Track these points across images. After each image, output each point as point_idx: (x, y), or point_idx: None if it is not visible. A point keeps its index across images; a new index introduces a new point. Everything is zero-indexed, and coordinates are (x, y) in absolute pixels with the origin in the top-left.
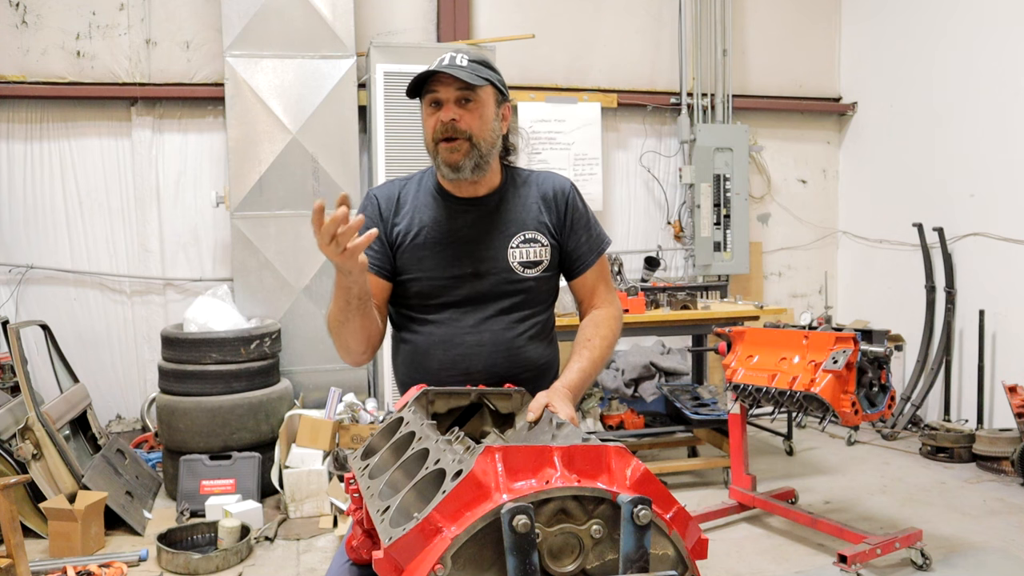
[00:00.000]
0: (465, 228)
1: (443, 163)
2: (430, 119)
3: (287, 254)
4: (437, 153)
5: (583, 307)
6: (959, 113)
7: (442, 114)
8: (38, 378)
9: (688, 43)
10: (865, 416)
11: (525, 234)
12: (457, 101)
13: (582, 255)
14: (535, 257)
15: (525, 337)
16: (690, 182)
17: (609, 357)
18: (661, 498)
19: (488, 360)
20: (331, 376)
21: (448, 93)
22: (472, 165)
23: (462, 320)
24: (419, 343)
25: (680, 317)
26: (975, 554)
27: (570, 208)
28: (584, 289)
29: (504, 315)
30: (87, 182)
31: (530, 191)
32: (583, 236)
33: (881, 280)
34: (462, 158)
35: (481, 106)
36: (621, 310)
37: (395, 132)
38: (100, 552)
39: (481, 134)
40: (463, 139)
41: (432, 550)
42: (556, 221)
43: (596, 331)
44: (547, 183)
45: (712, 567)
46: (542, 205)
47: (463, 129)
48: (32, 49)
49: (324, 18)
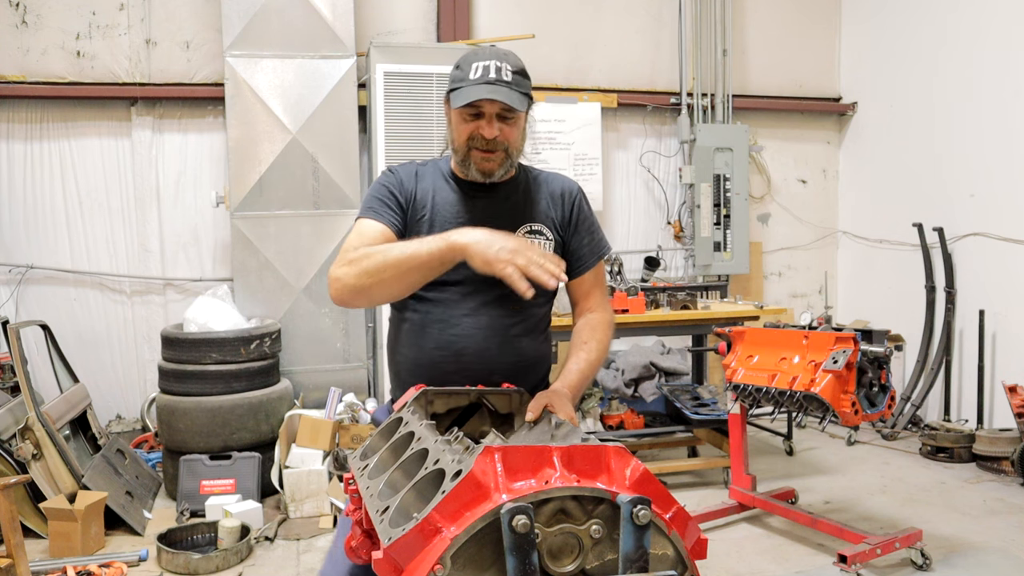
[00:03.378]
0: (474, 212)
1: (477, 169)
2: (466, 125)
3: (287, 254)
4: (469, 157)
5: (577, 309)
6: (959, 113)
7: (485, 130)
8: (38, 378)
9: (688, 43)
10: (865, 416)
11: (532, 226)
12: (499, 115)
13: (583, 256)
14: None
15: (520, 328)
16: (690, 182)
17: (604, 360)
18: (661, 498)
19: (482, 344)
20: (331, 376)
21: (492, 108)
22: (503, 172)
23: (461, 302)
24: (416, 321)
25: (680, 317)
26: (975, 554)
27: (576, 208)
28: (580, 291)
29: (502, 303)
30: (87, 182)
31: (540, 187)
32: (586, 238)
33: (881, 280)
34: (497, 167)
35: (519, 119)
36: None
37: (395, 132)
38: (100, 552)
39: (516, 145)
40: (501, 151)
41: (432, 550)
42: (562, 219)
43: (592, 334)
44: (556, 182)
45: (712, 567)
46: (550, 201)
47: (502, 142)
48: (32, 49)
49: (324, 18)
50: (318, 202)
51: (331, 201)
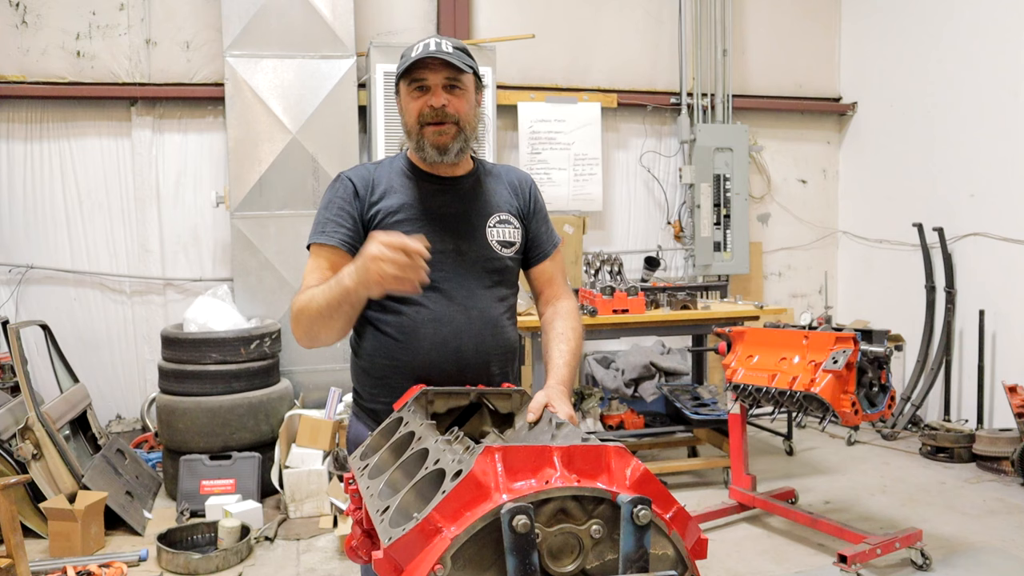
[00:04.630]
0: (444, 206)
1: (430, 145)
2: (415, 102)
3: (287, 254)
4: (422, 136)
5: (542, 298)
6: (959, 113)
7: (432, 99)
8: (38, 378)
9: (688, 43)
10: (865, 416)
11: (500, 215)
12: (444, 87)
13: (542, 243)
14: (510, 238)
15: (505, 316)
16: (690, 182)
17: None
18: (661, 498)
19: (477, 338)
20: (331, 376)
21: (436, 79)
22: (458, 148)
23: (451, 298)
24: (404, 324)
25: (680, 317)
26: (975, 554)
27: (532, 197)
28: (543, 277)
29: (487, 292)
30: (87, 182)
31: (499, 178)
32: (543, 227)
33: (881, 280)
34: (450, 141)
35: (466, 91)
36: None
37: (395, 132)
38: (100, 552)
39: (467, 119)
40: (451, 123)
41: (432, 550)
42: (523, 207)
43: (566, 323)
44: (512, 173)
45: (712, 567)
46: (510, 191)
47: (452, 113)
48: (32, 49)
49: (324, 18)
50: (318, 202)
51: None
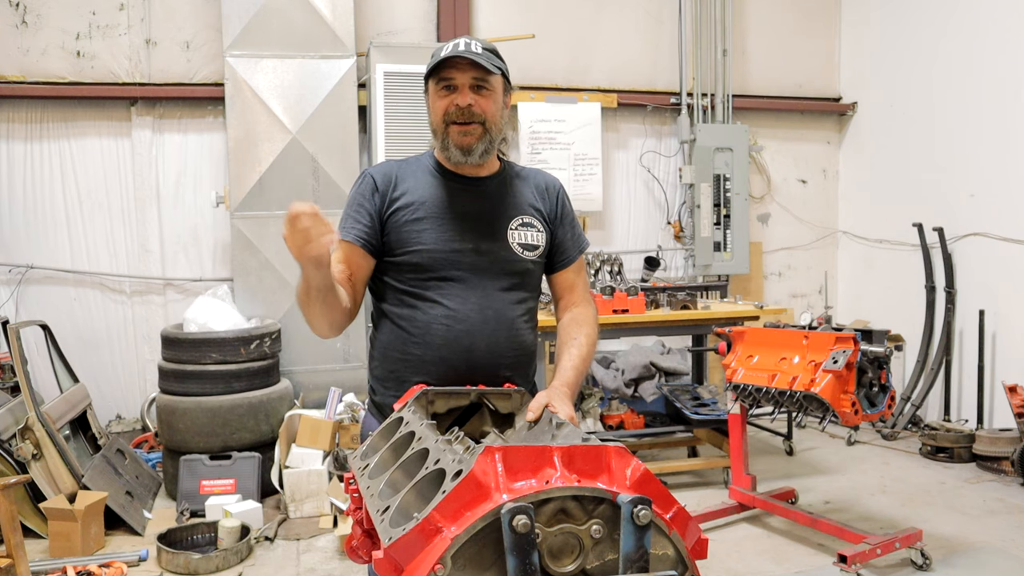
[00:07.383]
0: (466, 205)
1: (455, 145)
2: (441, 101)
3: (287, 254)
4: (447, 135)
5: (561, 303)
6: (959, 113)
7: (459, 98)
8: (38, 378)
9: (688, 43)
10: (865, 416)
11: (523, 218)
12: (472, 87)
13: (567, 249)
14: (533, 241)
15: (522, 320)
16: (690, 182)
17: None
18: (661, 498)
19: (491, 338)
20: (331, 376)
21: (463, 78)
22: (482, 150)
23: (466, 297)
24: (418, 318)
25: (680, 317)
26: (975, 554)
27: (560, 202)
28: (564, 284)
29: (505, 294)
30: (87, 182)
31: (526, 181)
32: (569, 232)
33: (881, 280)
34: (475, 142)
35: (494, 92)
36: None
37: (395, 132)
38: (100, 552)
39: (493, 120)
40: (477, 123)
41: (432, 550)
42: (549, 211)
43: (580, 329)
44: (540, 176)
45: (712, 567)
46: (536, 194)
47: (478, 113)
48: (32, 49)
49: (324, 18)
50: (318, 202)
51: (331, 201)
